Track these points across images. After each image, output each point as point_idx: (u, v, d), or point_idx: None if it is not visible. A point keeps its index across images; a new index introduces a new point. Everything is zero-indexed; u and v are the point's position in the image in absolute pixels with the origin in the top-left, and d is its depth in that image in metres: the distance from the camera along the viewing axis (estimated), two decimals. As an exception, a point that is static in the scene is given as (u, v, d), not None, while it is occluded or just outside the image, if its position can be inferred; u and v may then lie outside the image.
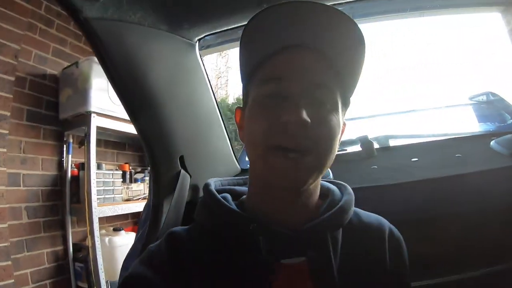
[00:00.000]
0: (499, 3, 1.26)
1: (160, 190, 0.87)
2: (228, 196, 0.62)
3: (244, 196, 0.64)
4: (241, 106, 0.63)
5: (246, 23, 0.56)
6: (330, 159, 0.53)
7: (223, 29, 0.89)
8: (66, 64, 2.21)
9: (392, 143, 1.21)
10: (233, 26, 0.89)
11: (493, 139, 1.04)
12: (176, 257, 0.55)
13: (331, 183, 0.67)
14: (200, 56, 0.97)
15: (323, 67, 0.54)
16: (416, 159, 1.05)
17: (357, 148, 1.21)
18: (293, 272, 0.53)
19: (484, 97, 1.56)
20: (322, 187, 0.64)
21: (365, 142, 1.17)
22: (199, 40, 0.93)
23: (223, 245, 0.56)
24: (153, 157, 0.86)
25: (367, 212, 0.66)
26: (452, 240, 0.84)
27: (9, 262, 1.70)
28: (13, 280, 1.68)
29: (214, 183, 0.66)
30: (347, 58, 0.55)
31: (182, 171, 0.90)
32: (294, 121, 0.48)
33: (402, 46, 1.85)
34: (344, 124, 0.60)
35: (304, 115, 0.48)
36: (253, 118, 0.54)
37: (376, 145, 1.18)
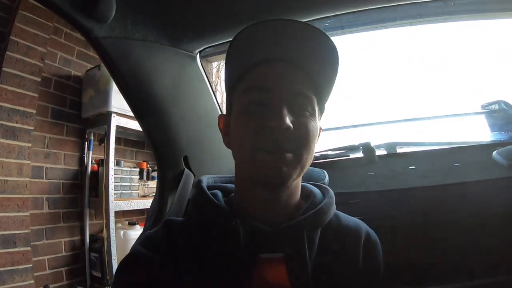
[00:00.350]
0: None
1: (165, 187, 0.94)
2: (219, 192, 0.67)
3: (233, 194, 0.69)
4: (224, 114, 0.69)
5: None
6: (310, 158, 0.59)
7: (219, 42, 0.95)
8: (89, 66, 2.32)
9: (400, 150, 1.22)
10: (228, 40, 0.94)
11: (498, 149, 1.04)
12: (171, 241, 0.61)
13: (314, 185, 0.71)
14: (202, 66, 1.03)
15: (300, 77, 0.60)
16: (414, 167, 1.06)
17: (360, 154, 1.22)
18: (272, 266, 0.58)
19: (496, 106, 1.53)
20: (306, 189, 0.69)
21: (367, 149, 1.19)
22: (200, 52, 1.00)
23: (209, 237, 0.61)
24: (159, 156, 0.94)
25: (348, 216, 0.70)
26: (441, 249, 0.85)
27: (29, 248, 1.80)
28: (31, 265, 1.78)
29: (207, 180, 0.72)
30: (321, 69, 0.61)
31: (186, 170, 0.97)
32: (278, 127, 0.54)
33: (414, 52, 1.84)
34: (320, 128, 0.65)
35: (288, 121, 0.55)
36: (239, 124, 0.60)
37: (383, 152, 1.21)
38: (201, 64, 1.02)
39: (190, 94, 1.01)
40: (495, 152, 1.02)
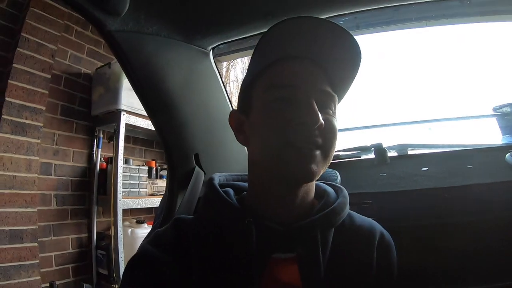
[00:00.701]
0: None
1: (175, 184, 0.93)
2: (230, 190, 0.66)
3: (245, 192, 0.68)
4: (235, 110, 0.68)
5: (254, 33, 0.61)
6: (332, 156, 0.59)
7: (233, 39, 0.94)
8: (100, 64, 2.34)
9: (411, 152, 1.21)
10: (243, 36, 0.94)
11: (511, 151, 1.02)
12: (181, 240, 0.60)
13: (328, 185, 0.70)
14: (215, 63, 1.02)
15: (323, 76, 0.60)
16: (426, 168, 1.05)
17: (371, 155, 1.21)
18: (283, 266, 0.57)
19: (508, 108, 1.50)
20: (319, 188, 0.68)
21: (379, 150, 1.18)
22: (212, 48, 0.99)
23: (220, 236, 0.60)
24: (170, 153, 0.93)
25: (362, 216, 0.69)
26: (456, 252, 0.84)
27: (36, 244, 1.81)
28: (38, 261, 1.79)
29: (218, 178, 0.70)
30: (342, 69, 0.61)
31: (197, 167, 0.96)
32: (312, 123, 0.54)
33: (426, 54, 1.82)
34: None
35: (321, 117, 0.54)
36: (265, 120, 0.58)
37: (394, 153, 1.19)
38: (214, 61, 1.01)
39: (202, 91, 1.00)
40: (508, 154, 1.00)
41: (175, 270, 0.56)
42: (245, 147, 0.68)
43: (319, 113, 0.54)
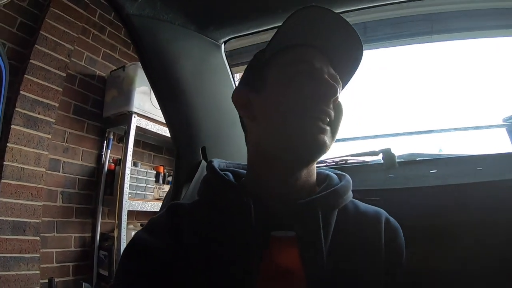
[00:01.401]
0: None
1: (181, 176, 0.93)
2: (230, 174, 0.67)
3: (244, 179, 0.68)
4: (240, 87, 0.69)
5: (264, 28, 0.76)
6: (336, 135, 0.61)
7: (245, 32, 0.98)
8: (114, 68, 2.39)
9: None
10: (254, 31, 0.97)
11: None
12: (175, 225, 0.59)
13: (331, 172, 0.70)
14: (226, 58, 1.04)
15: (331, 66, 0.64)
16: (435, 170, 1.03)
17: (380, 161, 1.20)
18: (283, 244, 0.56)
19: (518, 119, 1.49)
20: (321, 174, 0.68)
21: (387, 154, 1.17)
22: (224, 42, 1.01)
23: (218, 216, 0.60)
24: (178, 144, 0.93)
25: (366, 204, 0.68)
26: (460, 250, 0.81)
27: (38, 238, 1.80)
28: (38, 255, 1.77)
29: (218, 162, 0.71)
30: (346, 62, 0.66)
31: (203, 161, 0.96)
32: (331, 93, 0.58)
33: (435, 64, 1.83)
34: None
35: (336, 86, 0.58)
36: (285, 93, 0.59)
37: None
38: (225, 55, 1.03)
39: (212, 83, 1.02)
40: (519, 156, 0.98)
41: (168, 255, 0.55)
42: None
43: (336, 85, 0.58)
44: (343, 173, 0.69)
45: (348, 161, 1.26)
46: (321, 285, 0.53)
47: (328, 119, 0.58)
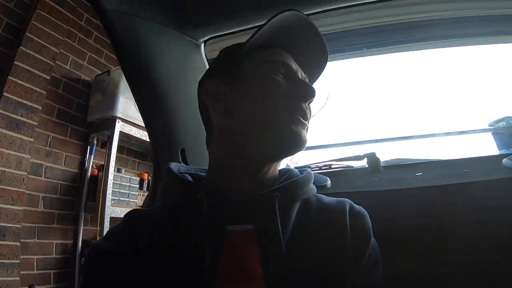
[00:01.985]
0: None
1: (159, 179, 0.90)
2: (188, 176, 0.65)
3: (203, 180, 0.67)
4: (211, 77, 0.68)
5: (244, 27, 0.83)
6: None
7: (224, 32, 0.97)
8: (99, 72, 2.37)
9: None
10: (234, 30, 0.96)
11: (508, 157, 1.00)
12: (129, 230, 0.58)
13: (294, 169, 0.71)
14: (206, 58, 1.02)
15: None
16: (421, 173, 1.03)
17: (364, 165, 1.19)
18: (241, 238, 0.55)
19: (504, 123, 1.49)
20: (283, 169, 0.70)
21: (372, 158, 1.16)
22: (204, 42, 1.00)
23: (175, 218, 0.59)
24: (156, 147, 0.91)
25: (332, 198, 0.66)
26: (445, 251, 0.80)
27: (18, 243, 1.75)
28: (18, 261, 1.72)
29: (177, 167, 0.70)
30: (313, 70, 0.71)
31: (182, 163, 0.94)
32: (311, 94, 0.61)
33: (420, 69, 1.84)
34: None
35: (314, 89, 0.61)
36: (269, 89, 0.59)
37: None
38: (205, 55, 1.01)
39: (192, 83, 0.99)
40: (505, 159, 0.97)
41: (126, 262, 0.54)
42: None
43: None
44: (307, 169, 0.68)
45: (332, 166, 1.24)
46: (279, 282, 0.51)
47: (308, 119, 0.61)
